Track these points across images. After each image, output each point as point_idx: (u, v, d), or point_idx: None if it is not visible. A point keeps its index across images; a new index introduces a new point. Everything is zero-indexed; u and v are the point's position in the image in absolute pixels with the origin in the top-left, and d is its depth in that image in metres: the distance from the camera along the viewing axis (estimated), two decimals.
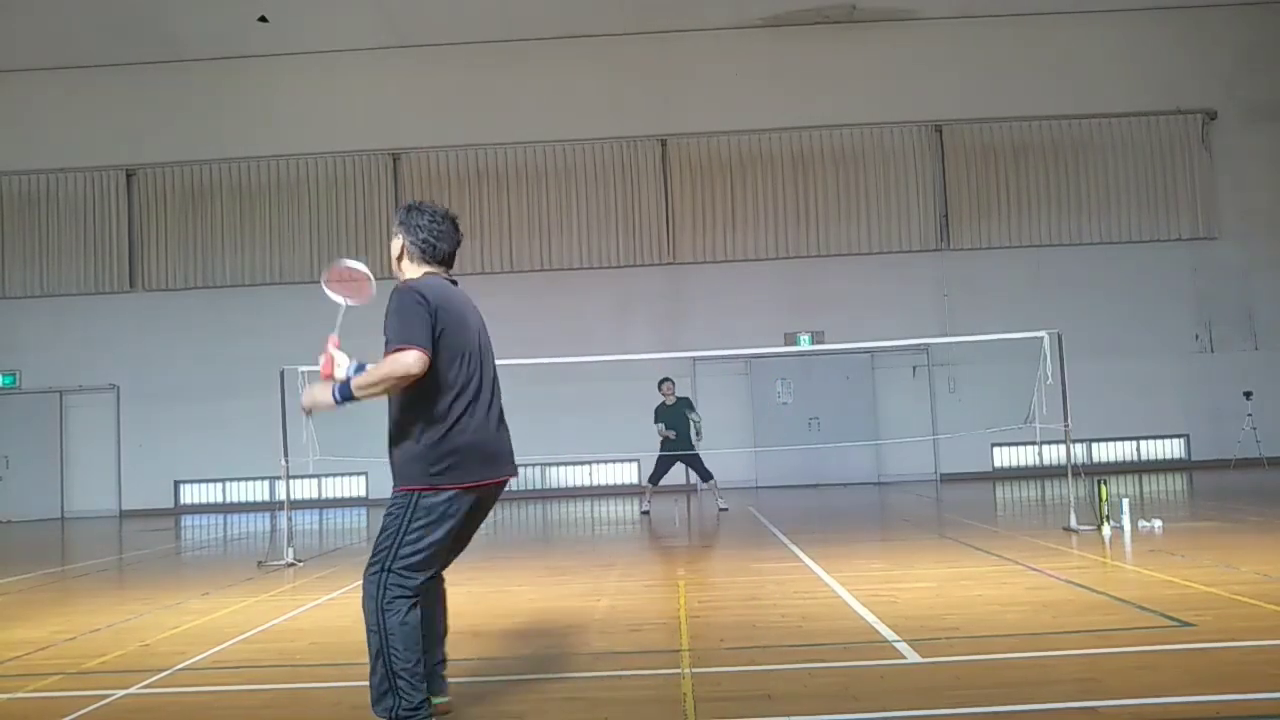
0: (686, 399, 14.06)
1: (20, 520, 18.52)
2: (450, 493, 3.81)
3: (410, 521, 3.80)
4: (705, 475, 13.75)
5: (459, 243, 4.36)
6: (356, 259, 4.45)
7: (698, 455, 13.67)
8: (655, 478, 13.74)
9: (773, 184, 19.26)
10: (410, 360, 3.69)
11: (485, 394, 4.00)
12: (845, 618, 5.80)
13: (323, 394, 3.89)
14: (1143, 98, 19.23)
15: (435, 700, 3.93)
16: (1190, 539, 8.78)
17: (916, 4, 19.03)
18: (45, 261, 19.57)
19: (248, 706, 4.53)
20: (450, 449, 3.81)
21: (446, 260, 4.32)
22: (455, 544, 4.10)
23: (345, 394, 3.83)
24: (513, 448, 4.22)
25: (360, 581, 3.92)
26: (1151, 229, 19.06)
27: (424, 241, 4.25)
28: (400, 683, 3.68)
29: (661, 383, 13.97)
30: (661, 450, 13.60)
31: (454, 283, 4.23)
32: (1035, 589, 6.52)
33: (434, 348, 3.77)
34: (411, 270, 4.17)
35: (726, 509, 13.67)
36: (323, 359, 4.00)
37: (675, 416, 13.61)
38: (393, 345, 3.72)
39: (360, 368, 3.93)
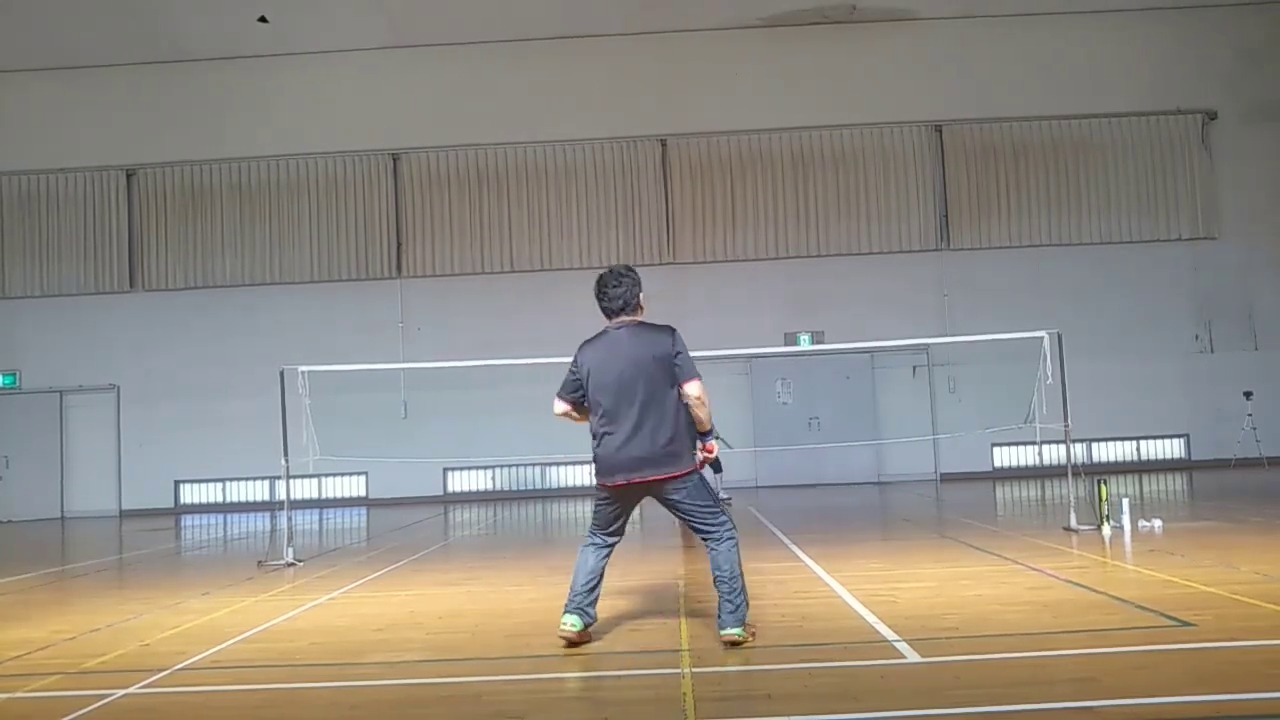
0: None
1: (20, 520, 18.52)
2: None
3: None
4: (717, 466, 13.91)
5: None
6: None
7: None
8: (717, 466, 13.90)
9: (773, 184, 19.26)
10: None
11: None
12: (845, 618, 5.80)
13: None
14: (1143, 98, 19.23)
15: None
16: (1190, 539, 8.78)
17: (916, 4, 19.03)
18: (45, 261, 19.58)
19: (248, 706, 4.53)
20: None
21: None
22: None
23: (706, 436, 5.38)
24: None
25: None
26: (1151, 229, 19.06)
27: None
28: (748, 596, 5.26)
29: None
30: None
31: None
32: (1035, 589, 6.52)
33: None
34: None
35: (729, 500, 13.81)
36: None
37: None
38: (694, 375, 5.22)
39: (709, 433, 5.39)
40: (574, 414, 5.38)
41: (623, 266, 5.40)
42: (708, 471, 5.93)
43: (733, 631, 5.08)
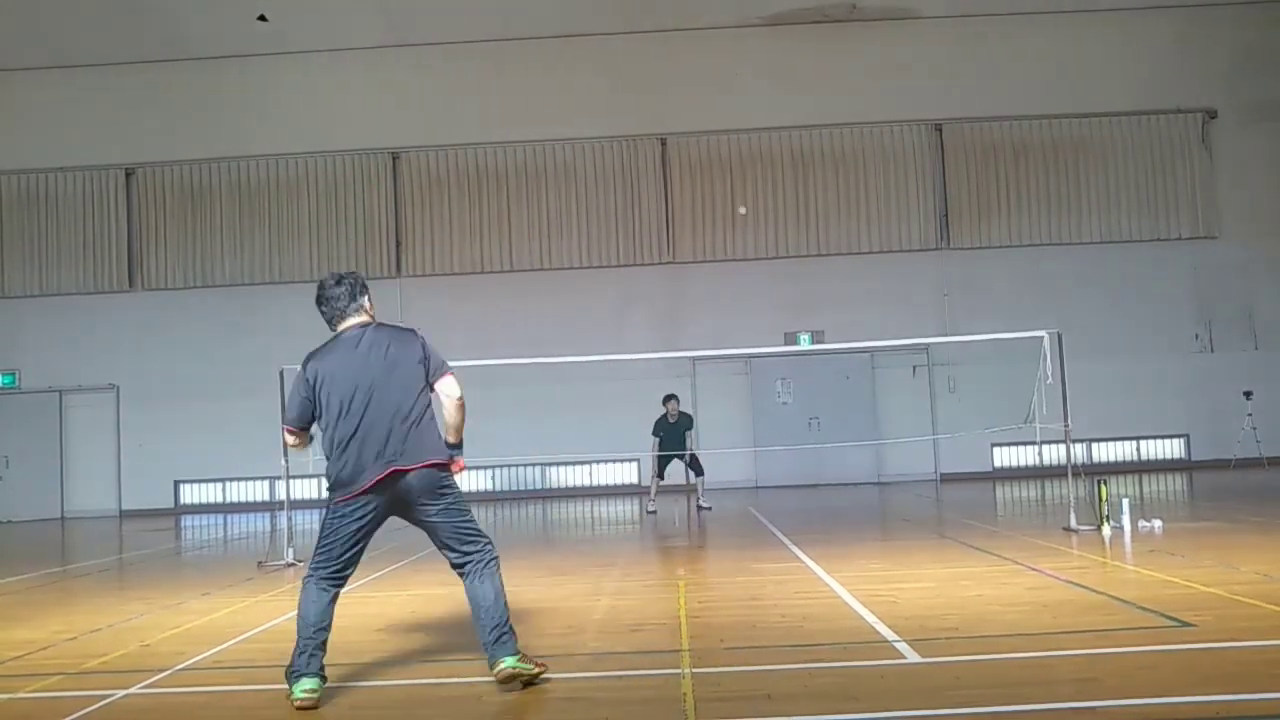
0: (689, 417, 14.17)
1: (20, 520, 18.52)
2: None
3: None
4: (699, 469, 13.86)
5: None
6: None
7: (695, 453, 13.78)
8: (660, 472, 13.81)
9: (773, 184, 19.26)
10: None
11: None
12: (845, 618, 5.80)
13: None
14: (1143, 97, 19.23)
15: None
16: (1190, 539, 8.78)
17: (916, 4, 19.02)
18: (45, 261, 19.56)
19: (248, 706, 4.53)
20: None
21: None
22: None
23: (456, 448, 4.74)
24: None
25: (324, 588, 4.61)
26: (1151, 228, 19.05)
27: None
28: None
29: (667, 399, 13.97)
30: (659, 451, 13.67)
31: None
32: (1035, 589, 6.52)
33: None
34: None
35: (709, 508, 13.66)
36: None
37: (674, 434, 13.68)
38: (447, 369, 4.68)
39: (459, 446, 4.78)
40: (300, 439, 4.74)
41: (341, 272, 5.03)
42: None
43: (508, 663, 4.47)
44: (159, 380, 19.19)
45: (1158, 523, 9.55)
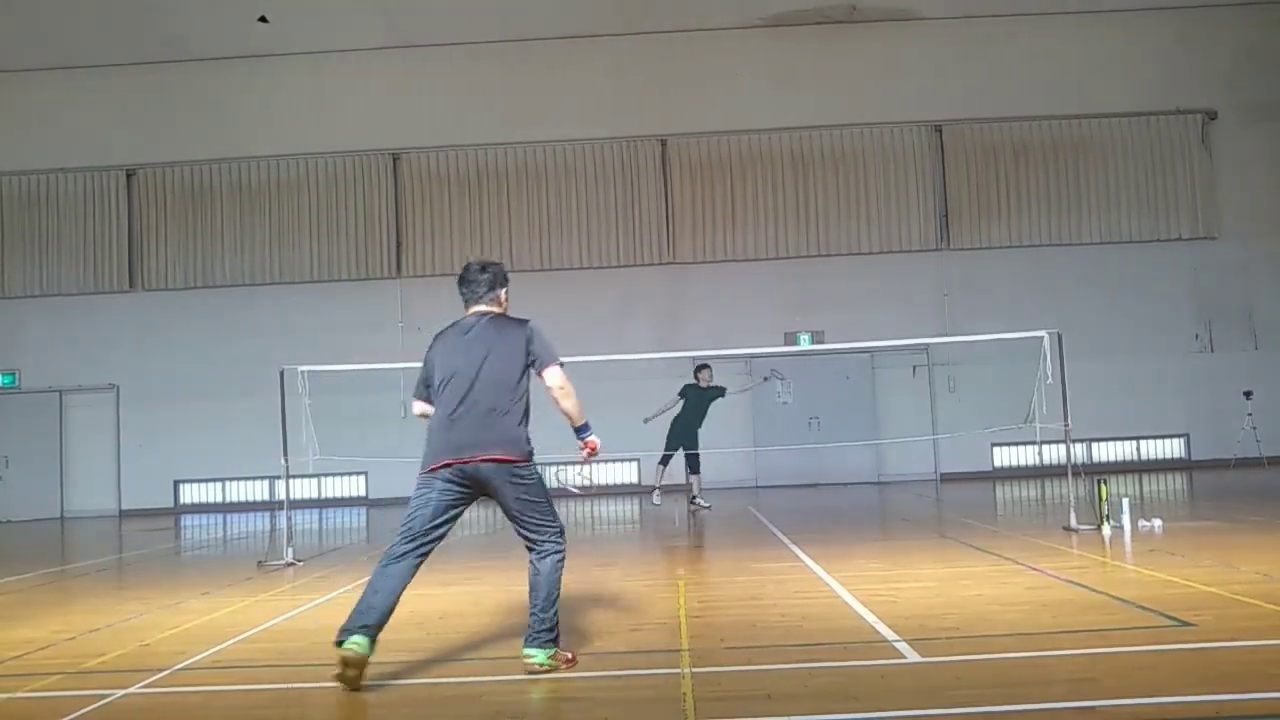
0: (721, 388, 14.08)
1: (20, 520, 18.52)
2: None
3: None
4: (695, 467, 13.81)
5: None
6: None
7: (696, 452, 13.77)
8: (665, 459, 13.90)
9: (773, 184, 19.26)
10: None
11: None
12: (845, 617, 5.80)
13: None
14: (1143, 98, 19.23)
15: None
16: (1190, 539, 8.78)
17: (917, 4, 19.02)
18: (45, 261, 19.56)
19: (247, 706, 4.53)
20: None
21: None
22: None
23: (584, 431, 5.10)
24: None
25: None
26: (1151, 229, 19.05)
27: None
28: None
29: (700, 369, 13.97)
30: (672, 430, 13.65)
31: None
32: (1035, 589, 6.52)
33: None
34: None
35: (709, 508, 13.58)
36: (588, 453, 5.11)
37: (701, 400, 13.68)
38: (552, 361, 4.93)
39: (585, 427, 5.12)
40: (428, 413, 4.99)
41: (489, 260, 5.43)
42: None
43: (535, 656, 4.71)
44: (159, 380, 19.19)
45: (1158, 522, 9.55)
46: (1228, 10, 19.22)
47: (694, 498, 13.85)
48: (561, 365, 4.95)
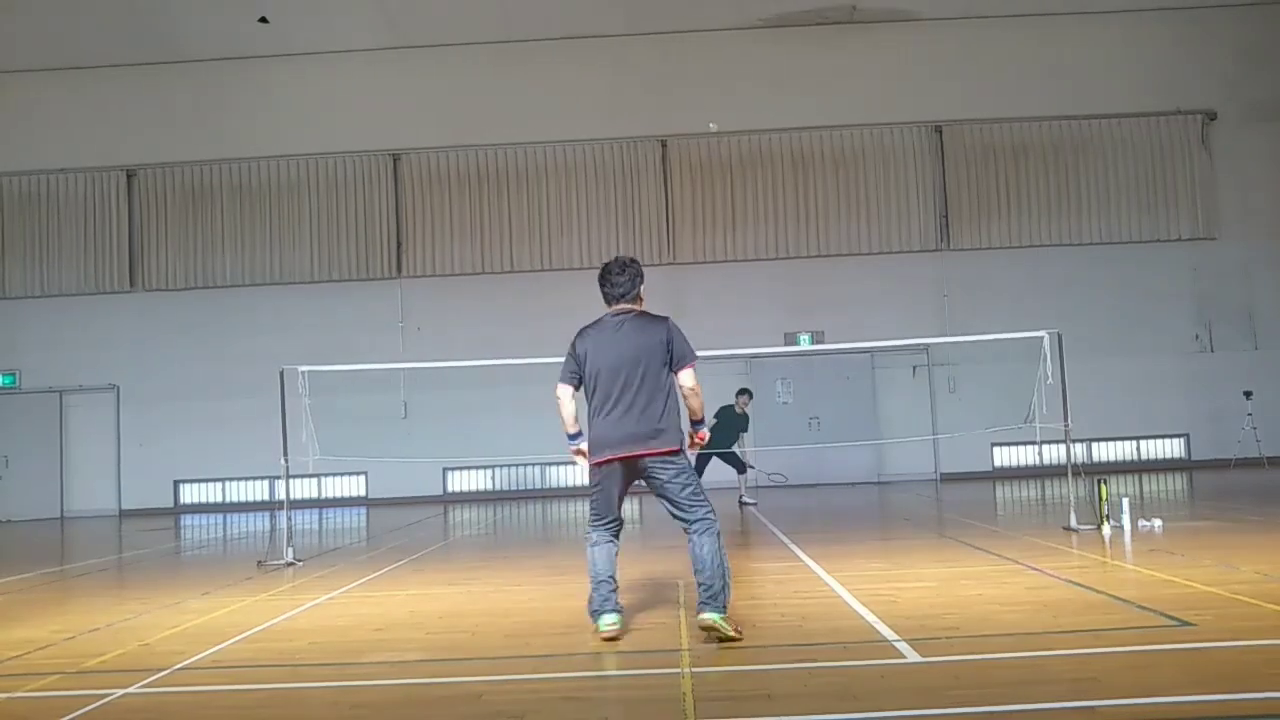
0: (747, 419, 14.83)
1: (20, 520, 18.52)
2: None
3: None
4: (741, 468, 14.71)
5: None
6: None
7: (734, 452, 14.59)
8: (741, 467, 14.68)
9: (773, 184, 19.26)
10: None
11: None
12: (845, 617, 5.80)
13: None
14: (1143, 98, 19.23)
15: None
16: (1190, 539, 8.78)
17: (917, 4, 19.02)
18: (45, 261, 19.57)
19: (247, 706, 4.53)
20: None
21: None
22: None
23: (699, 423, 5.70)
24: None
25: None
26: (1151, 229, 19.06)
27: None
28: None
29: (740, 392, 14.71)
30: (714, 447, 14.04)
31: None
32: (1035, 588, 6.52)
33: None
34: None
35: (754, 504, 14.30)
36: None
37: (731, 425, 14.31)
38: (689, 363, 5.42)
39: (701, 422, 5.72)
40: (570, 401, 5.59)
41: (627, 257, 5.67)
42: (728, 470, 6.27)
43: (710, 615, 5.13)
44: (159, 380, 19.19)
45: (1158, 522, 9.55)
46: (1228, 10, 19.23)
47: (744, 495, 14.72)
48: (695, 365, 5.47)
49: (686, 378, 5.40)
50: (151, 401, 19.18)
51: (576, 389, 5.55)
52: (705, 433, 5.71)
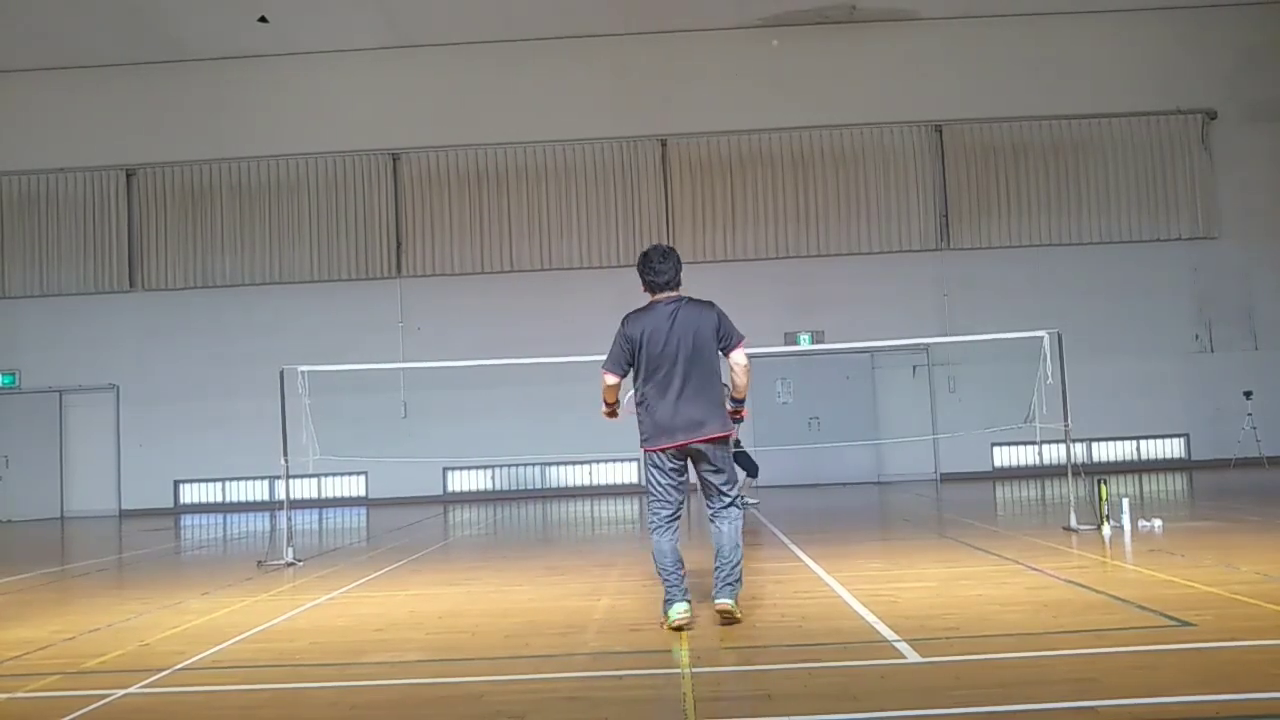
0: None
1: (20, 520, 18.52)
2: None
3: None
4: (753, 471, 14.08)
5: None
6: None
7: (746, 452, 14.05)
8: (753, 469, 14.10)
9: (773, 184, 19.26)
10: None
11: None
12: (845, 618, 5.80)
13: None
14: (1143, 98, 19.23)
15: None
16: (1190, 539, 8.78)
17: (916, 4, 19.02)
18: (45, 261, 19.57)
19: (247, 706, 4.52)
20: None
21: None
22: None
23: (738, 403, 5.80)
24: None
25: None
26: (1151, 229, 19.05)
27: None
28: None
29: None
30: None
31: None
32: (1035, 589, 6.52)
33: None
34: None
35: (755, 503, 13.88)
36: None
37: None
38: (740, 340, 5.59)
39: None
40: (616, 392, 5.76)
41: (665, 245, 5.90)
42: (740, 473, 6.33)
43: (727, 601, 5.43)
44: (159, 380, 19.19)
45: (1158, 522, 9.54)
46: (1228, 10, 19.23)
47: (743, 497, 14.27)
48: (744, 344, 5.63)
49: (740, 355, 5.58)
50: (151, 401, 19.18)
51: (623, 376, 5.65)
52: (747, 410, 5.88)
